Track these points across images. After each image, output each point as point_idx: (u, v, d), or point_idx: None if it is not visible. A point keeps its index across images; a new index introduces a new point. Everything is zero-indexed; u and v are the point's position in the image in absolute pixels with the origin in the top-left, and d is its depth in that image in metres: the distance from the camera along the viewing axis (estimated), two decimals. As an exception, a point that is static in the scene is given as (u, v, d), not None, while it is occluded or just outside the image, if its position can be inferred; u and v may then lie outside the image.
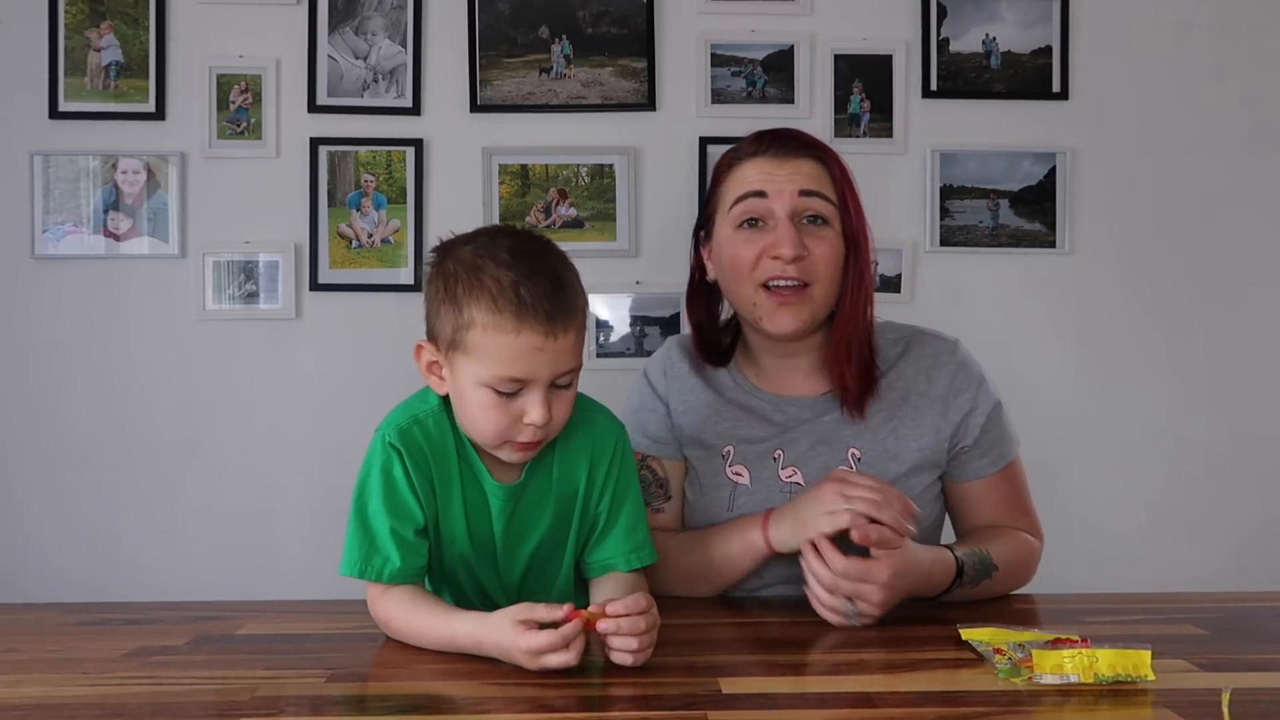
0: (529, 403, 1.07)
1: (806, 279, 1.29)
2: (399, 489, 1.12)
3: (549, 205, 2.39)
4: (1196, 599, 1.30)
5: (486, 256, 1.06)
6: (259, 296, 2.36)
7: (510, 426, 1.08)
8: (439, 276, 1.09)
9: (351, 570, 1.11)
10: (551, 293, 1.05)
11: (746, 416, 1.38)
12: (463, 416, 1.12)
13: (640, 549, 1.19)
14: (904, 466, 1.33)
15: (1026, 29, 2.41)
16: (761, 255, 1.29)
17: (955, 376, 1.35)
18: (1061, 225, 2.41)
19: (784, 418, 1.37)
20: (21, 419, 2.35)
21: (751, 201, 1.30)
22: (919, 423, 1.34)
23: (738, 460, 1.35)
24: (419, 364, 1.13)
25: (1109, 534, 2.39)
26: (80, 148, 2.35)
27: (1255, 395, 2.43)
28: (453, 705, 0.92)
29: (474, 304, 1.05)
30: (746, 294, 1.31)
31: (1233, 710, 0.83)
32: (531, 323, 1.03)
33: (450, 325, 1.07)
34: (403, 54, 2.38)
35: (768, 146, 1.33)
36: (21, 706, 0.90)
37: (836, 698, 0.92)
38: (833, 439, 1.34)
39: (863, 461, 1.32)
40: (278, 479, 2.37)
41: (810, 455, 1.34)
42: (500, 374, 1.05)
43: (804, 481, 1.32)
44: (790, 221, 1.29)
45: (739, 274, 1.31)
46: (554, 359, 1.06)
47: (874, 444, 1.33)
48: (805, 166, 1.31)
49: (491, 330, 1.04)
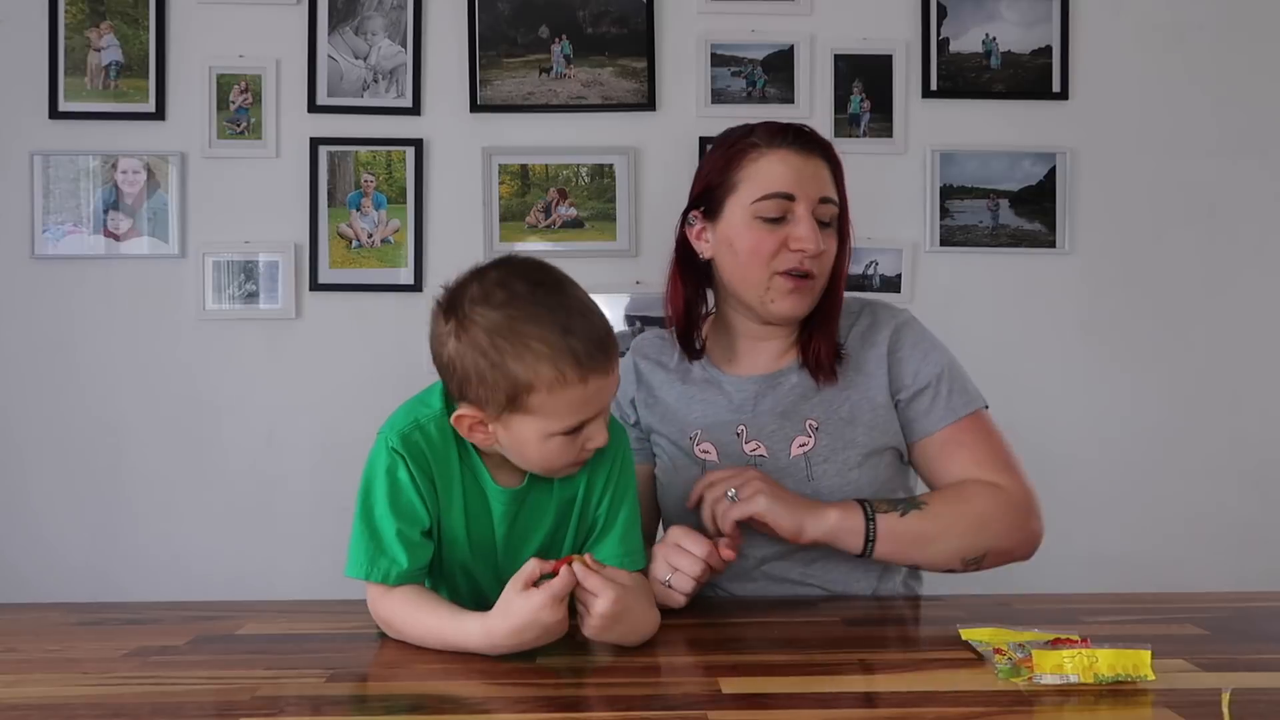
0: (594, 430, 1.09)
1: (816, 271, 1.36)
2: (404, 491, 1.11)
3: (549, 205, 2.39)
4: (1196, 599, 1.30)
5: (518, 314, 1.03)
6: (259, 296, 2.36)
7: (576, 455, 1.10)
8: (470, 349, 1.04)
9: (358, 572, 1.11)
10: (595, 329, 1.05)
11: (713, 400, 1.43)
12: (523, 460, 1.11)
13: (634, 553, 1.19)
14: (859, 427, 1.37)
15: (1026, 29, 2.41)
16: (781, 246, 1.34)
17: (895, 333, 1.41)
18: (1061, 225, 2.41)
19: (744, 395, 1.42)
20: (22, 419, 2.35)
21: (780, 202, 1.34)
22: (868, 385, 1.39)
23: (705, 439, 1.40)
24: (460, 429, 1.10)
25: (1109, 534, 2.40)
26: (80, 148, 2.35)
27: (1255, 395, 2.43)
28: (453, 705, 0.92)
29: (532, 371, 1.02)
30: (759, 279, 1.36)
31: (1233, 710, 0.83)
32: (596, 368, 1.04)
33: (503, 394, 1.04)
34: (403, 54, 2.38)
35: (791, 141, 1.36)
36: (21, 706, 0.90)
37: (836, 698, 0.92)
38: (791, 411, 1.39)
39: (820, 429, 1.37)
40: (278, 479, 2.37)
41: (771, 429, 1.38)
42: (572, 423, 1.06)
43: (767, 453, 1.37)
44: (811, 217, 1.34)
45: (757, 259, 1.35)
46: (614, 385, 1.09)
47: (829, 411, 1.38)
48: (823, 170, 1.37)
49: (559, 389, 1.03)
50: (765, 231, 1.34)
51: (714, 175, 1.40)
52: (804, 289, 1.35)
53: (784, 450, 1.37)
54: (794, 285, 1.35)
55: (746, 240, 1.36)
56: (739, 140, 1.39)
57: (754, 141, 1.37)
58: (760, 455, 1.37)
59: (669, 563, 1.21)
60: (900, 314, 1.44)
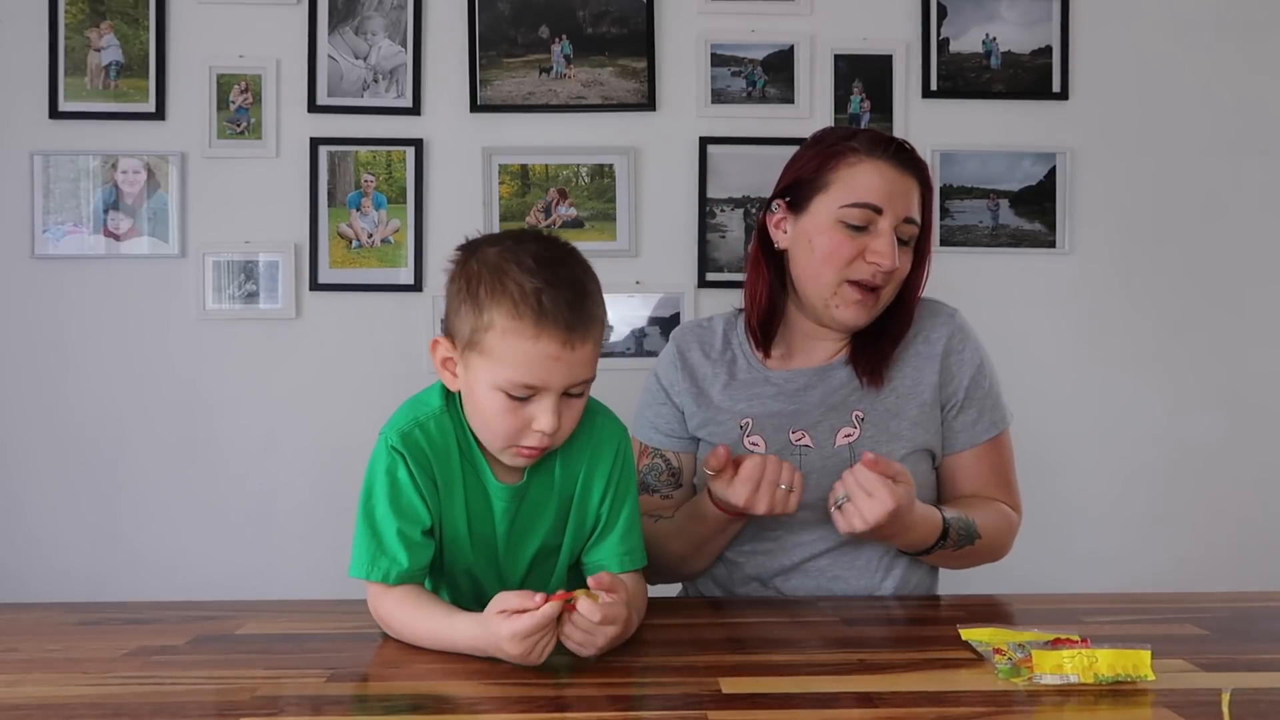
0: (540, 410, 1.07)
1: (883, 285, 1.37)
2: (404, 491, 1.12)
3: (549, 205, 2.39)
4: (1196, 599, 1.30)
5: (511, 260, 1.06)
6: (259, 296, 2.36)
7: (518, 431, 1.08)
8: (462, 275, 1.08)
9: (360, 572, 1.12)
10: (573, 302, 1.05)
11: (760, 393, 1.43)
12: (472, 415, 1.12)
13: (633, 551, 1.19)
14: (905, 422, 1.38)
15: (1026, 29, 2.41)
16: (858, 255, 1.35)
17: (952, 336, 1.43)
18: (1061, 225, 2.41)
19: (794, 386, 1.42)
20: (22, 419, 2.35)
21: (867, 213, 1.35)
22: (918, 381, 1.41)
23: (755, 431, 1.40)
24: (433, 358, 1.13)
25: (1109, 534, 2.39)
26: (80, 148, 2.35)
27: (1254, 395, 2.43)
28: (453, 705, 0.92)
29: (495, 307, 1.04)
30: (828, 282, 1.37)
31: (1233, 710, 0.83)
32: (550, 331, 1.03)
33: (469, 325, 1.06)
34: (403, 54, 2.38)
35: (893, 154, 1.37)
36: (21, 706, 0.90)
37: (836, 698, 0.92)
38: (839, 403, 1.40)
39: (866, 420, 1.38)
40: (278, 479, 2.37)
41: (818, 419, 1.39)
42: (514, 379, 1.05)
43: (812, 443, 1.38)
44: (893, 234, 1.35)
45: (832, 262, 1.36)
46: (569, 369, 1.06)
47: (877, 404, 1.39)
48: (914, 190, 1.38)
49: (510, 335, 1.04)
50: (846, 237, 1.35)
51: (806, 170, 1.40)
52: (869, 302, 1.37)
53: (829, 440, 1.38)
54: (861, 296, 1.36)
55: (826, 242, 1.36)
56: (839, 142, 1.39)
57: (854, 146, 1.37)
58: (805, 445, 1.38)
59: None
60: (955, 314, 1.46)
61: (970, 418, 1.42)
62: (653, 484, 1.44)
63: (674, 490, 1.45)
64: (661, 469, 1.45)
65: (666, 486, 1.45)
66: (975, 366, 1.42)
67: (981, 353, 1.44)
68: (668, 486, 1.45)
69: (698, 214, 2.38)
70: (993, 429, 1.43)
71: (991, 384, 1.43)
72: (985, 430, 1.42)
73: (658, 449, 1.46)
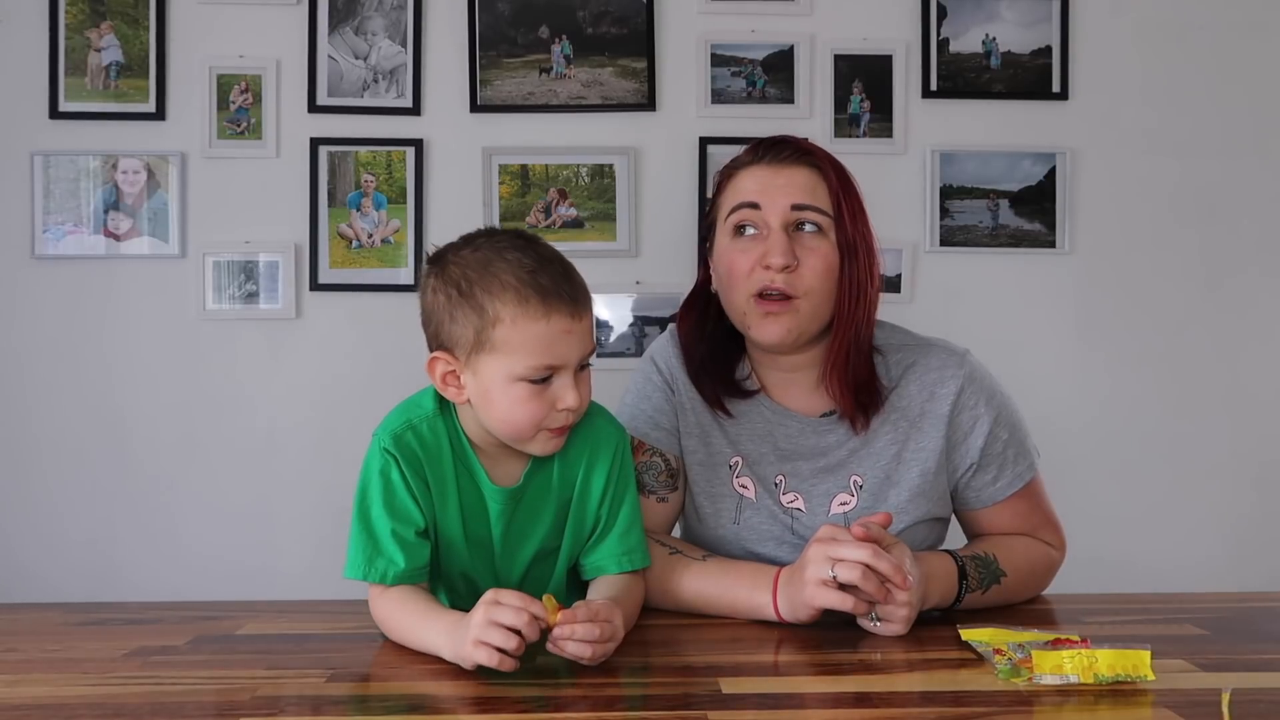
0: (562, 387, 1.08)
1: (793, 291, 1.26)
2: (397, 492, 1.12)
3: (549, 205, 2.39)
4: (1196, 599, 1.30)
5: (494, 254, 1.07)
6: (259, 296, 2.37)
7: (544, 416, 1.09)
8: (446, 284, 1.08)
9: (356, 573, 1.11)
10: (566, 274, 1.08)
11: (749, 423, 1.35)
12: (492, 417, 1.10)
13: (632, 552, 1.19)
14: (905, 492, 1.30)
15: (1026, 29, 2.41)
16: (755, 264, 1.26)
17: (961, 391, 1.31)
18: (1061, 225, 2.41)
19: (785, 437, 1.34)
20: (23, 418, 2.35)
21: (746, 212, 1.28)
22: (921, 445, 1.31)
23: (744, 473, 1.33)
24: (432, 377, 1.11)
25: (1109, 534, 2.39)
26: (80, 148, 2.35)
27: (1255, 395, 2.43)
28: (453, 705, 0.92)
29: (497, 300, 1.05)
30: (739, 302, 1.29)
31: (1233, 710, 0.83)
32: (557, 307, 1.06)
33: (471, 328, 1.06)
34: (403, 54, 2.38)
35: (763, 155, 1.31)
36: (21, 706, 0.90)
37: (836, 698, 0.92)
38: (835, 467, 1.32)
39: (864, 488, 1.30)
40: (278, 479, 2.37)
41: (812, 482, 1.32)
42: (534, 363, 1.06)
43: (804, 508, 1.31)
44: (783, 231, 1.26)
45: (734, 282, 1.29)
46: (580, 340, 1.08)
47: (876, 469, 1.31)
48: (800, 176, 1.29)
49: (521, 321, 1.05)
50: (739, 250, 1.27)
51: (710, 204, 1.36)
52: (780, 311, 1.25)
53: (823, 507, 1.30)
54: (766, 309, 1.25)
55: (725, 260, 1.29)
56: (726, 165, 1.35)
57: (736, 162, 1.33)
58: (797, 509, 1.31)
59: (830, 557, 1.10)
60: (965, 358, 1.33)
61: (989, 477, 1.31)
62: (649, 484, 1.33)
63: (670, 493, 1.35)
64: (660, 468, 1.34)
65: (663, 488, 1.34)
66: (990, 422, 1.30)
67: (997, 402, 1.32)
68: (664, 488, 1.34)
69: (698, 214, 2.38)
70: (1017, 482, 1.32)
71: (1011, 434, 1.32)
72: (1007, 486, 1.32)
73: (655, 447, 1.34)
